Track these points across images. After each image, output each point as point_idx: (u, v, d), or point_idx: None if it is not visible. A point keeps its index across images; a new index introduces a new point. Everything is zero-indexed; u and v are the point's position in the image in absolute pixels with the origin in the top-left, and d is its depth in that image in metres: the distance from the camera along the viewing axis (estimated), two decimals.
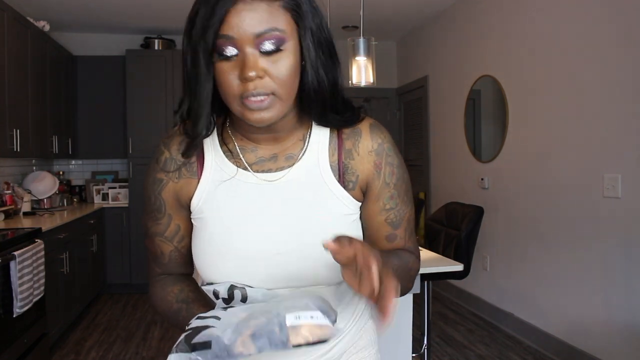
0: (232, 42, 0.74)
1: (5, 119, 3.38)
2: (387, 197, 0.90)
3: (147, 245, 0.95)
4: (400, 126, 5.92)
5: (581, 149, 3.00)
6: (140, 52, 5.01)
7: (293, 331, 0.71)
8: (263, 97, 0.75)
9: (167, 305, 0.90)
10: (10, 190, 3.80)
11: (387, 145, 0.90)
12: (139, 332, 3.81)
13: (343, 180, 0.87)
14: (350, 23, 4.90)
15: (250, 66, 0.74)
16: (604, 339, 2.84)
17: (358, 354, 0.97)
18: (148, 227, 0.93)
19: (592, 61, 2.90)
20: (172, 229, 0.91)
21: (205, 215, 0.87)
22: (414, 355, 2.51)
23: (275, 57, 0.75)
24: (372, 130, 0.89)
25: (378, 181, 0.89)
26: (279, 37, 0.75)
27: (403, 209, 0.92)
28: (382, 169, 0.89)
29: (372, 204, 0.90)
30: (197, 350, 0.71)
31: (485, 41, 4.04)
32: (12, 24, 3.52)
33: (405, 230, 0.93)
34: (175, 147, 0.88)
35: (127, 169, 4.91)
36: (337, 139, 0.88)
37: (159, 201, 0.90)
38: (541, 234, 3.38)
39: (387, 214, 0.90)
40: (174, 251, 0.93)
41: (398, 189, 0.91)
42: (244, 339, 0.71)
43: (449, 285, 4.67)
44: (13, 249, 2.67)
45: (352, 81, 3.07)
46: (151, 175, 0.91)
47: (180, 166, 0.88)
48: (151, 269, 0.96)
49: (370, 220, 0.91)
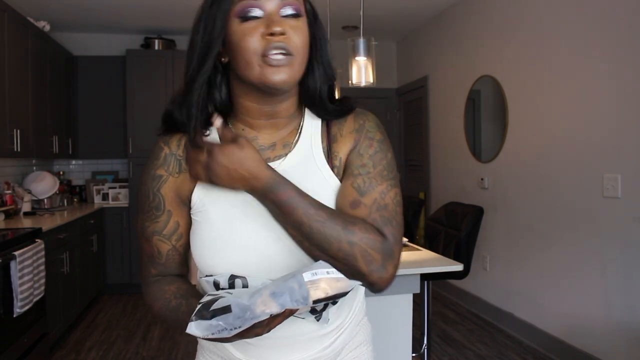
0: (258, 4, 0.80)
1: (5, 119, 3.39)
2: (358, 165, 0.87)
3: (143, 246, 0.93)
4: (400, 126, 5.92)
5: (581, 149, 3.00)
6: (140, 52, 5.01)
7: (312, 286, 0.72)
8: (284, 55, 0.79)
9: (165, 302, 0.89)
10: (10, 190, 3.80)
11: (369, 124, 0.91)
12: (139, 332, 3.81)
13: (331, 165, 0.89)
14: (350, 23, 4.90)
15: (278, 23, 0.79)
16: (604, 339, 2.84)
17: (356, 349, 0.98)
18: (145, 226, 0.91)
19: (592, 61, 2.90)
20: (171, 227, 0.91)
21: (206, 208, 0.87)
22: (414, 355, 2.51)
23: (294, 23, 0.82)
24: (356, 114, 0.93)
25: (353, 152, 0.89)
26: (298, 7, 0.83)
27: (377, 180, 0.86)
28: (360, 141, 0.89)
29: (344, 175, 0.88)
30: (217, 316, 0.71)
31: (485, 41, 4.04)
32: (12, 24, 3.52)
33: (374, 201, 0.84)
34: (175, 143, 0.90)
35: (127, 169, 4.91)
36: (326, 127, 0.91)
37: (158, 198, 0.89)
38: (541, 234, 3.38)
39: (354, 179, 0.86)
40: (172, 250, 0.92)
41: (374, 161, 0.87)
42: (264, 298, 0.71)
43: (449, 285, 4.67)
44: (13, 249, 2.67)
45: (352, 81, 3.06)
46: (149, 172, 0.90)
47: (181, 161, 0.89)
48: (146, 270, 0.94)
49: (340, 190, 0.87)
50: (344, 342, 0.95)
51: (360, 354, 0.99)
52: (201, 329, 0.72)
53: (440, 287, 4.84)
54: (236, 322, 0.70)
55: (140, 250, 0.94)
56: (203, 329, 0.72)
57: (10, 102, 3.47)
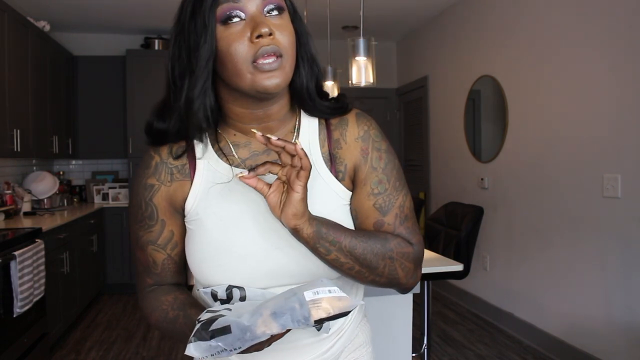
0: (239, 6, 0.77)
1: (5, 119, 3.39)
2: (375, 182, 0.87)
3: (138, 256, 0.91)
4: (400, 126, 5.92)
5: (581, 149, 3.00)
6: (140, 52, 5.01)
7: (314, 306, 0.70)
8: (274, 58, 0.76)
9: (162, 314, 0.87)
10: (10, 190, 3.80)
11: (374, 132, 0.90)
12: (139, 332, 3.81)
13: (334, 170, 0.88)
14: (350, 23, 4.90)
15: (262, 23, 0.75)
16: (603, 338, 2.84)
17: (356, 351, 0.98)
18: (139, 236, 0.89)
19: (592, 61, 2.90)
20: (166, 236, 0.89)
21: (201, 216, 0.85)
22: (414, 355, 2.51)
23: (278, 21, 0.79)
24: (358, 118, 0.91)
25: (365, 166, 0.88)
26: (280, 3, 0.79)
27: (394, 195, 0.88)
28: (369, 154, 0.88)
29: (359, 189, 0.88)
30: (217, 337, 0.69)
31: (485, 41, 4.04)
32: (12, 24, 3.52)
33: (395, 217, 0.88)
34: (166, 151, 0.88)
35: (127, 169, 4.92)
36: (326, 130, 0.89)
37: (151, 207, 0.87)
38: (541, 234, 3.38)
39: (375, 199, 0.87)
40: (167, 259, 0.90)
41: (387, 173, 0.88)
42: (264, 318, 0.69)
43: (449, 285, 4.67)
44: (13, 249, 2.67)
45: (352, 81, 3.06)
46: (141, 182, 0.88)
47: (172, 169, 0.87)
48: (142, 280, 0.92)
49: (360, 207, 0.88)
50: (343, 345, 0.94)
51: (360, 356, 0.98)
52: (200, 350, 0.70)
53: (440, 287, 4.84)
54: (236, 343, 0.69)
55: (136, 260, 0.92)
56: (202, 350, 0.70)
57: (10, 102, 3.47)
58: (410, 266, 0.86)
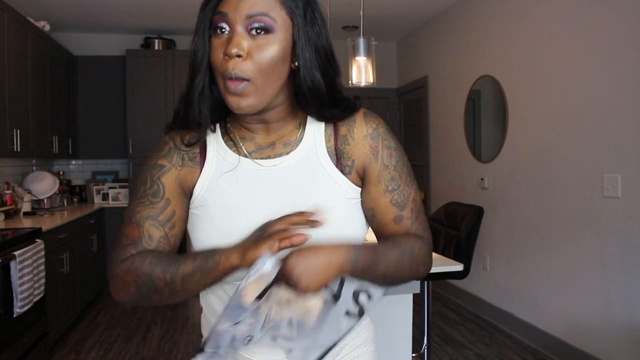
0: (226, 19, 0.79)
1: (5, 119, 3.39)
2: (389, 179, 0.91)
3: (127, 232, 0.87)
4: (400, 126, 5.92)
5: (581, 149, 3.00)
6: (140, 52, 5.01)
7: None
8: (238, 81, 0.79)
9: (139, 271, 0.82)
10: (10, 190, 3.80)
11: (382, 130, 0.93)
12: (139, 332, 3.81)
13: (340, 164, 0.90)
14: (350, 23, 4.90)
15: (235, 43, 0.78)
16: (603, 338, 2.84)
17: (357, 349, 0.99)
18: (135, 212, 0.87)
19: (592, 61, 2.90)
20: (167, 213, 0.88)
21: (207, 202, 0.88)
22: (414, 355, 2.51)
23: (261, 40, 0.79)
24: (365, 116, 0.93)
25: (376, 164, 0.91)
26: (268, 23, 0.79)
27: (407, 190, 0.93)
28: (380, 152, 0.91)
29: (374, 188, 0.91)
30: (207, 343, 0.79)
31: (485, 41, 4.04)
32: (12, 24, 3.52)
33: (411, 210, 0.93)
34: (179, 138, 0.91)
35: (127, 169, 4.91)
36: (333, 125, 0.92)
37: (157, 185, 0.89)
38: (541, 234, 3.38)
39: (392, 195, 0.91)
40: (164, 238, 0.87)
41: (399, 170, 0.92)
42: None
43: (449, 285, 4.67)
44: (13, 249, 2.67)
45: (352, 81, 3.07)
46: (151, 162, 0.91)
47: (184, 155, 0.90)
48: (124, 250, 0.85)
49: (377, 204, 0.92)
50: (342, 343, 0.94)
51: (361, 354, 0.99)
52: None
53: (440, 287, 4.84)
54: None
55: (120, 236, 0.88)
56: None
57: (10, 102, 3.47)
58: (428, 261, 0.93)
